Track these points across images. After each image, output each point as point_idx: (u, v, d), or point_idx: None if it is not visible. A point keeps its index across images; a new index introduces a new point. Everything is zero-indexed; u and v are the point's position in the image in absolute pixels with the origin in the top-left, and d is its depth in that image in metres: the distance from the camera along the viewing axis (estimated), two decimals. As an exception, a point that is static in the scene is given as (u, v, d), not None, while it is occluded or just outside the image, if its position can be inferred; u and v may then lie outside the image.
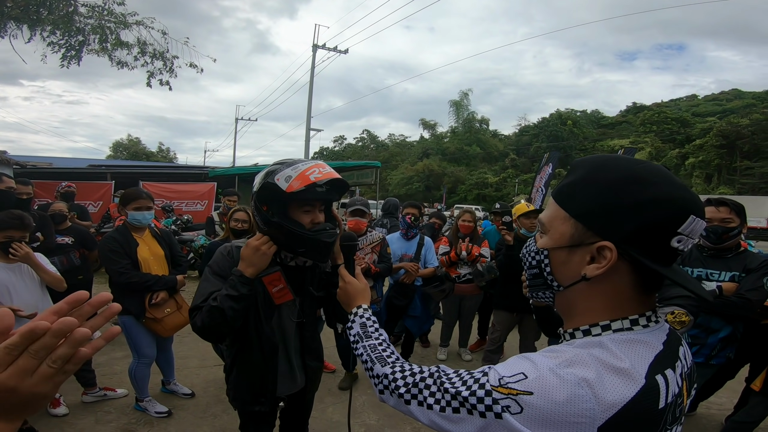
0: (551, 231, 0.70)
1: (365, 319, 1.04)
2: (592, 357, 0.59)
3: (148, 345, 2.86)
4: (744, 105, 46.66)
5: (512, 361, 0.65)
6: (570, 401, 0.55)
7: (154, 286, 2.74)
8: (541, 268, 0.72)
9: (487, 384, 0.62)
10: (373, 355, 0.92)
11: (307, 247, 1.39)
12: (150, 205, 2.81)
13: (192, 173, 14.16)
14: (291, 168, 1.33)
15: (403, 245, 3.71)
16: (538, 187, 12.74)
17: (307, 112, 17.07)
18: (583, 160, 0.70)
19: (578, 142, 49.32)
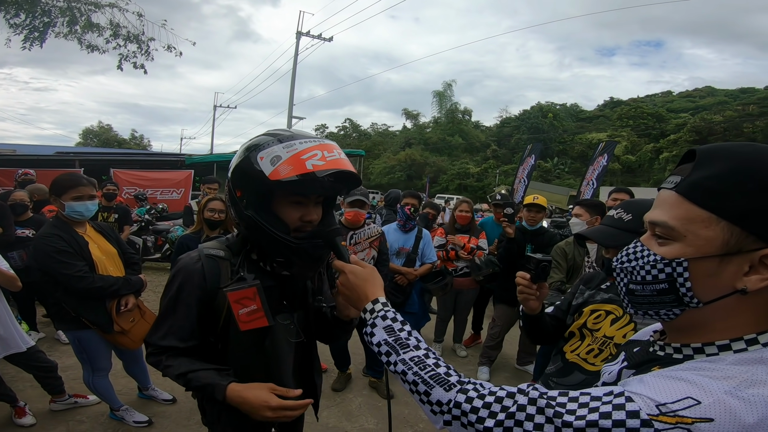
0: (689, 236, 0.57)
1: (390, 321, 0.79)
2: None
3: (106, 357, 2.52)
4: (717, 102, 48.23)
5: (657, 382, 0.55)
6: (760, 424, 0.49)
7: (121, 290, 2.33)
8: (675, 283, 0.58)
9: (644, 412, 0.51)
10: (425, 375, 0.70)
11: (287, 257, 1.04)
12: (93, 193, 2.33)
13: (167, 160, 13.63)
14: (284, 145, 0.97)
15: (399, 238, 3.52)
16: (521, 178, 12.93)
17: (290, 100, 16.65)
18: (716, 149, 0.58)
19: (558, 135, 50.16)
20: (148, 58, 7.18)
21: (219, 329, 1.11)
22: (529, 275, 1.24)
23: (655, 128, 45.82)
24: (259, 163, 0.96)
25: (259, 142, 1.00)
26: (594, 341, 1.30)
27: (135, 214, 6.73)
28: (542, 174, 42.92)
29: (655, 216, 0.62)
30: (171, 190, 10.53)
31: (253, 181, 0.98)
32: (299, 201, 1.04)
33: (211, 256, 1.11)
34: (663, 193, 0.62)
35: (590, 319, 1.34)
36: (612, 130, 47.86)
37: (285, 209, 1.03)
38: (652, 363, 0.65)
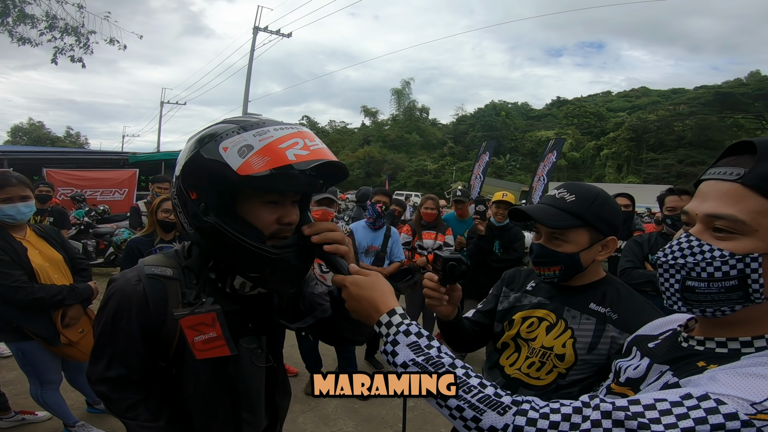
0: (762, 230, 0.54)
1: (414, 336, 0.67)
2: None
3: (54, 370, 2.27)
4: (651, 102, 52.44)
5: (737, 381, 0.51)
6: None
7: (67, 299, 2.11)
8: (746, 279, 0.55)
9: (741, 413, 0.48)
10: (471, 399, 0.60)
11: (263, 271, 0.84)
12: (26, 194, 2.07)
13: (108, 159, 12.61)
14: (254, 132, 0.78)
15: (368, 236, 3.43)
16: (477, 174, 13.31)
17: (245, 97, 15.96)
18: None
19: (510, 133, 52.26)
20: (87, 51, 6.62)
21: (171, 355, 0.93)
22: (437, 276, 1.08)
23: (597, 126, 49.01)
24: (222, 154, 0.77)
25: (217, 130, 0.81)
26: (532, 353, 1.16)
27: (72, 217, 6.15)
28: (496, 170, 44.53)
29: (715, 209, 0.58)
30: (113, 191, 9.76)
31: (214, 178, 0.78)
32: (274, 200, 0.85)
33: (155, 276, 0.90)
34: (719, 185, 0.59)
35: (523, 327, 1.19)
36: (559, 128, 50.56)
37: (256, 212, 0.84)
38: (693, 359, 0.62)
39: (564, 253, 1.09)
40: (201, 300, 0.88)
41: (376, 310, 0.73)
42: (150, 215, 2.71)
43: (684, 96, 47.02)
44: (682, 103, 43.14)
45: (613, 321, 1.08)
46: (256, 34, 15.80)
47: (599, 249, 1.11)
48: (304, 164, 0.76)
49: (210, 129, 0.84)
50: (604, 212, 1.09)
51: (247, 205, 0.83)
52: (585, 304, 1.13)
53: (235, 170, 0.75)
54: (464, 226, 4.14)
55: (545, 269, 1.14)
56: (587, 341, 1.09)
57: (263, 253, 0.81)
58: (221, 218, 0.80)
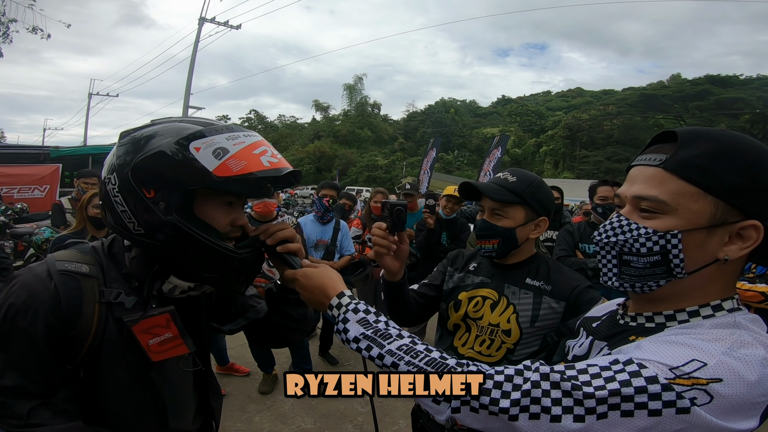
0: (680, 209, 0.60)
1: (363, 313, 0.71)
2: (751, 337, 0.57)
3: None
4: (584, 102, 56.34)
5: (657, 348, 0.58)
6: (759, 382, 0.53)
7: None
8: (668, 254, 0.61)
9: (661, 377, 0.53)
10: (419, 363, 0.64)
11: (222, 272, 0.84)
12: None
13: (26, 153, 11.35)
14: (226, 136, 0.79)
15: (317, 229, 3.40)
16: (425, 169, 13.67)
17: (186, 89, 15.06)
18: (697, 132, 0.63)
19: (458, 129, 53.89)
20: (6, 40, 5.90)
21: (80, 358, 0.83)
22: (384, 225, 1.09)
23: (537, 125, 51.92)
24: (195, 155, 0.76)
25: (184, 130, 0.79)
26: (481, 331, 1.23)
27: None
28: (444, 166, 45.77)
29: (641, 191, 0.63)
30: (32, 188, 8.80)
31: (183, 177, 0.76)
32: (230, 202, 0.85)
33: (69, 273, 0.82)
34: (645, 170, 0.65)
35: (470, 307, 1.26)
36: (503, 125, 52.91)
37: (213, 212, 0.83)
38: (626, 333, 0.68)
39: (502, 227, 1.21)
40: (152, 304, 0.85)
41: (326, 296, 0.77)
42: (79, 211, 2.50)
43: (613, 97, 51.08)
44: (611, 103, 46.86)
45: (549, 292, 1.21)
46: (201, 25, 15.03)
47: (533, 227, 1.24)
48: (275, 171, 0.79)
49: (169, 124, 0.83)
50: (539, 194, 1.22)
51: (203, 206, 0.82)
52: (522, 279, 1.24)
53: (211, 171, 0.75)
54: (413, 219, 4.22)
55: (486, 242, 1.24)
56: (528, 314, 1.20)
57: (227, 253, 0.81)
58: (186, 217, 0.78)
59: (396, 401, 3.01)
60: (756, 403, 0.53)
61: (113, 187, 0.81)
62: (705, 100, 34.12)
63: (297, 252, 0.88)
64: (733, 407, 0.52)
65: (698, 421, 0.51)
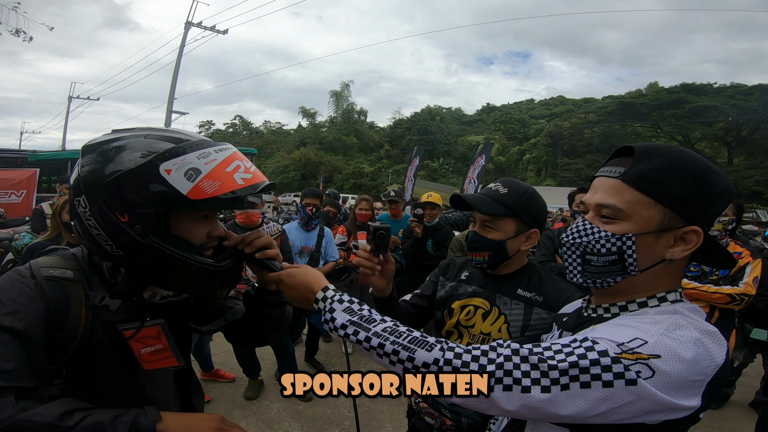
0: (635, 216, 0.70)
1: (347, 303, 0.78)
2: (686, 321, 0.65)
3: None
4: (566, 110, 57.51)
5: (607, 329, 0.68)
6: (695, 360, 0.60)
7: None
8: (623, 254, 0.71)
9: (611, 351, 0.61)
10: (403, 341, 0.70)
11: (205, 283, 0.86)
12: None
13: (2, 158, 11.04)
14: (197, 155, 0.79)
15: (301, 236, 3.43)
16: (409, 177, 13.79)
17: (170, 93, 14.90)
18: (651, 148, 0.72)
19: (443, 137, 54.38)
20: None
21: (66, 359, 0.84)
22: (369, 247, 1.13)
23: (520, 132, 52.82)
24: (165, 177, 0.76)
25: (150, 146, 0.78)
26: (473, 338, 1.26)
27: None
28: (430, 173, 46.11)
29: (602, 199, 0.73)
30: (8, 192, 8.56)
31: (156, 201, 0.77)
32: (206, 215, 0.88)
33: (54, 279, 0.82)
34: (606, 181, 0.74)
35: (462, 316, 1.28)
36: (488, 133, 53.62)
37: (189, 227, 0.84)
38: (587, 324, 0.78)
39: (493, 240, 1.21)
40: (146, 317, 0.87)
41: (311, 291, 0.82)
42: (53, 217, 2.47)
43: (594, 105, 52.22)
44: (592, 111, 47.93)
45: (540, 303, 1.21)
46: (188, 29, 14.96)
47: (524, 239, 1.24)
48: (251, 188, 0.81)
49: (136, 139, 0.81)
50: (530, 206, 1.22)
51: (179, 223, 0.83)
52: (513, 290, 1.25)
53: (185, 194, 0.76)
54: (398, 225, 4.28)
55: (476, 254, 1.25)
56: (519, 324, 1.21)
57: (209, 268, 0.84)
58: (163, 238, 0.79)
59: (382, 405, 3.05)
60: (695, 381, 0.60)
61: (84, 210, 0.80)
62: (681, 108, 35.14)
63: (275, 257, 0.93)
64: (674, 383, 0.59)
65: (645, 394, 0.58)
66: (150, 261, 0.81)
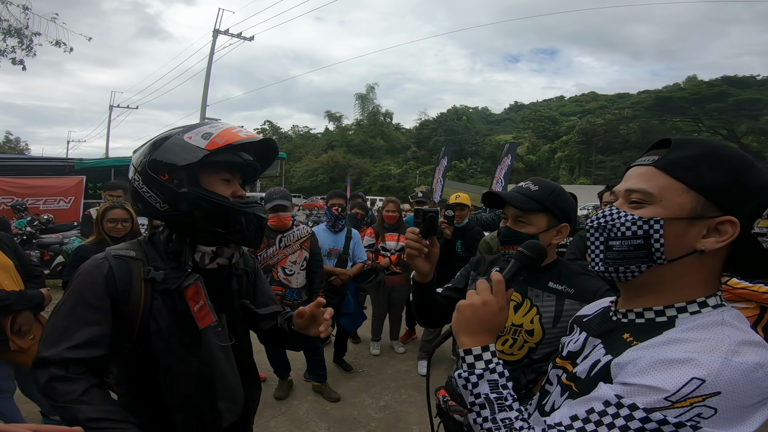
0: (664, 201, 0.67)
1: (497, 375, 0.72)
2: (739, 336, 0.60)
3: (6, 377, 2.21)
4: (599, 106, 55.60)
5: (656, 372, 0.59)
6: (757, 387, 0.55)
7: (15, 305, 2.07)
8: (650, 239, 0.67)
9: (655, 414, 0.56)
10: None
11: (235, 225, 1.03)
12: None
13: (51, 165, 11.78)
14: (208, 126, 1.05)
15: (329, 238, 3.46)
16: (438, 178, 13.65)
17: (203, 101, 15.41)
18: (688, 139, 0.70)
19: (471, 137, 53.71)
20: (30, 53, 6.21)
21: (135, 334, 0.99)
22: (418, 230, 1.17)
23: (551, 130, 51.40)
24: (188, 142, 1.00)
25: (178, 130, 1.04)
26: (504, 331, 1.29)
27: (14, 227, 5.72)
28: (458, 174, 45.62)
29: (632, 185, 0.71)
30: (57, 199, 9.09)
31: (185, 157, 0.99)
32: (227, 179, 1.07)
33: (120, 256, 1.02)
34: (638, 169, 0.72)
35: None
36: (516, 131, 52.59)
37: (216, 186, 1.05)
38: (619, 331, 0.72)
39: (526, 233, 1.26)
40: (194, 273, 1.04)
41: (474, 341, 0.77)
42: (96, 224, 2.59)
43: (629, 100, 50.19)
44: (627, 107, 46.09)
45: (571, 295, 1.24)
46: (216, 37, 15.40)
47: (554, 234, 1.29)
48: (251, 140, 1.04)
49: (171, 131, 1.06)
50: (561, 202, 1.29)
51: (207, 181, 1.04)
52: (544, 283, 1.29)
53: (204, 148, 0.99)
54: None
55: (509, 248, 1.29)
56: (551, 315, 1.24)
57: (235, 208, 1.03)
58: (195, 187, 1.01)
59: (410, 407, 3.02)
60: (753, 405, 0.56)
61: (138, 183, 1.02)
62: (723, 101, 33.28)
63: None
64: (736, 416, 0.55)
65: None
66: (188, 208, 1.00)
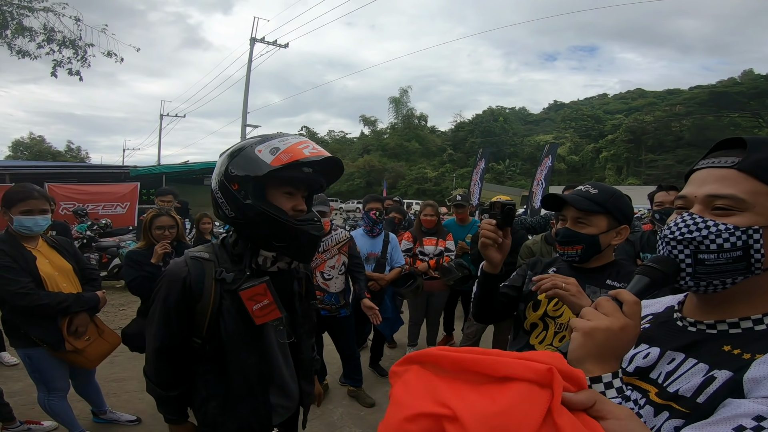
0: (758, 207, 0.62)
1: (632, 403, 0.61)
2: None
3: (61, 377, 2.31)
4: (647, 103, 52.59)
5: None
6: None
7: (72, 306, 2.16)
8: (749, 250, 0.62)
9: None
10: None
11: (289, 241, 1.12)
12: (45, 207, 2.17)
13: (109, 173, 12.64)
14: (278, 140, 1.10)
15: (367, 243, 3.44)
16: (475, 181, 13.37)
17: (243, 108, 15.99)
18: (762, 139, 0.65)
19: (509, 138, 52.42)
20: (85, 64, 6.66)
21: (205, 330, 1.15)
22: (495, 221, 1.20)
23: (595, 129, 49.15)
24: (258, 155, 1.07)
25: (253, 141, 1.12)
26: (560, 327, 1.32)
27: (75, 231, 6.18)
28: (496, 176, 44.65)
29: (716, 190, 0.65)
30: (114, 205, 9.77)
31: (252, 171, 1.06)
32: (290, 192, 1.14)
33: (196, 257, 1.17)
34: (715, 172, 0.66)
35: (549, 307, 1.35)
36: (557, 131, 50.73)
37: (278, 200, 1.12)
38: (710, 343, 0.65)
39: (586, 234, 1.31)
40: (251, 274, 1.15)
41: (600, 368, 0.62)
42: (144, 231, 2.69)
43: (680, 96, 47.19)
44: (678, 103, 43.29)
45: None
46: (253, 45, 15.85)
47: (614, 235, 1.33)
48: (315, 158, 1.08)
49: (248, 140, 1.15)
50: (621, 204, 1.33)
51: (271, 194, 1.12)
52: (602, 280, 1.33)
53: (269, 163, 1.06)
54: (465, 230, 4.15)
55: (569, 248, 1.33)
56: None
57: (290, 225, 1.10)
58: (257, 200, 1.09)
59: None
60: None
61: (215, 189, 1.14)
62: (785, 95, 30.44)
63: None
64: None
65: None
66: (250, 218, 1.09)
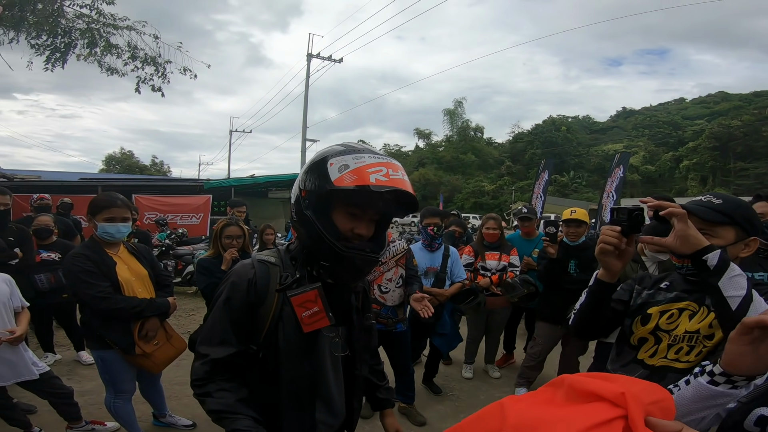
0: None
1: None
2: None
3: (129, 380, 2.43)
4: (732, 107, 47.25)
5: None
6: None
7: (145, 311, 2.28)
8: None
9: None
10: None
11: (332, 262, 1.05)
12: (126, 215, 2.30)
13: (186, 185, 13.82)
14: (354, 156, 0.99)
15: (426, 257, 3.36)
16: (537, 193, 12.74)
17: (303, 123, 16.75)
18: None
19: (572, 148, 49.65)
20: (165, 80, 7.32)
21: (263, 336, 1.10)
22: (619, 228, 1.12)
23: (673, 136, 44.99)
24: (328, 168, 1.00)
25: (335, 150, 1.04)
26: (675, 340, 1.27)
27: (155, 239, 6.76)
28: (559, 188, 42.34)
29: None
30: (190, 215, 10.62)
31: (319, 183, 1.01)
32: (354, 213, 1.05)
33: (263, 261, 1.13)
34: None
35: (662, 320, 1.30)
36: (628, 140, 47.17)
37: (340, 217, 1.05)
38: None
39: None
40: (306, 281, 1.09)
41: None
42: (214, 240, 2.80)
43: (769, 99, 41.74)
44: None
45: None
46: (309, 61, 16.38)
47: (742, 247, 1.24)
48: (379, 188, 0.96)
49: (332, 147, 1.08)
50: (749, 214, 1.25)
51: (336, 210, 1.05)
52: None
53: (333, 181, 0.98)
54: (531, 245, 3.92)
55: (687, 261, 1.21)
56: None
57: (334, 247, 1.02)
58: (315, 214, 1.03)
59: None
60: None
61: (294, 192, 1.11)
62: None
63: None
64: None
65: None
66: (305, 229, 1.06)
